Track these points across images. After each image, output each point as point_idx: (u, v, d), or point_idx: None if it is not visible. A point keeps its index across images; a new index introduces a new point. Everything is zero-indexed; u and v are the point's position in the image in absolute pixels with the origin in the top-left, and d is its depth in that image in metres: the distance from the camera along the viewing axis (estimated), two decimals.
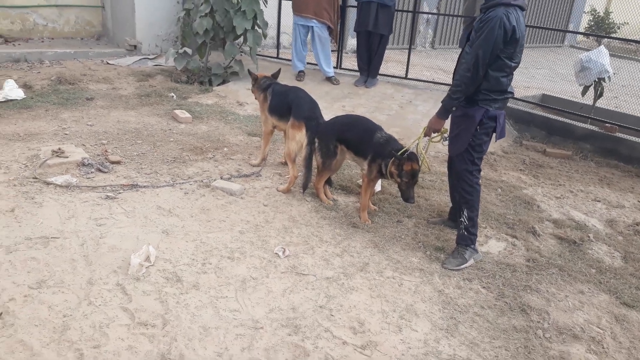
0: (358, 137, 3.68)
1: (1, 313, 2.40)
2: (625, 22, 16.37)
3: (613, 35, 15.52)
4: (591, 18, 16.33)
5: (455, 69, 3.38)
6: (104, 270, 2.81)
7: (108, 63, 7.66)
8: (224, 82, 7.11)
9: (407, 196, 3.47)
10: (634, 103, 8.02)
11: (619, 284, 3.28)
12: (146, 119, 5.44)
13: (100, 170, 4.01)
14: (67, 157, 4.05)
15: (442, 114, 3.29)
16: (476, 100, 3.16)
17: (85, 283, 2.68)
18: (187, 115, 5.53)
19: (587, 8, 15.58)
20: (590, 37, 16.22)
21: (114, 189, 3.76)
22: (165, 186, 3.91)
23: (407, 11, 9.10)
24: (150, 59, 7.99)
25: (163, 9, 8.26)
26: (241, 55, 7.20)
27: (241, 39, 7.05)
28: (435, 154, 5.19)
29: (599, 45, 14.65)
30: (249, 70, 4.67)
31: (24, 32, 8.88)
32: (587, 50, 13.78)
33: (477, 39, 3.04)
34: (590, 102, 6.35)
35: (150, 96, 6.24)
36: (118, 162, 4.21)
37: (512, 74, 3.17)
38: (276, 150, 4.87)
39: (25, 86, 5.99)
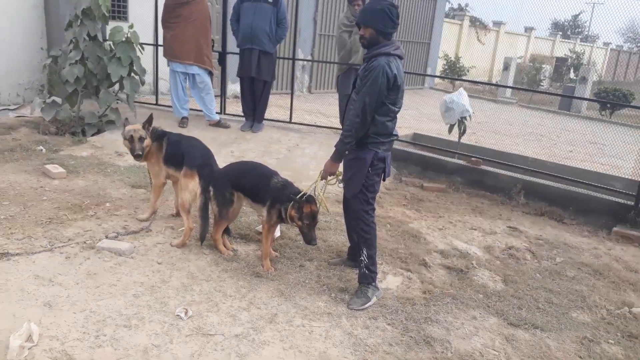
0: (254, 183, 3.67)
1: None
2: (472, 66, 18.67)
3: (464, 77, 17.55)
4: (445, 62, 18.34)
5: (344, 115, 3.55)
6: None
7: None
8: (98, 131, 6.68)
9: (309, 238, 3.51)
10: (490, 138, 9.08)
11: (504, 305, 3.59)
12: (12, 176, 4.88)
13: None
14: None
15: (336, 157, 3.42)
16: (366, 143, 3.33)
17: None
18: (61, 170, 5.08)
19: (440, 53, 17.46)
20: (445, 80, 18.15)
21: None
22: (43, 252, 3.51)
23: (287, 58, 9.43)
24: (12, 109, 7.27)
25: (24, 56, 7.63)
26: (117, 103, 6.85)
27: (116, 86, 6.73)
28: (326, 195, 5.33)
29: (453, 86, 16.48)
30: (126, 119, 4.29)
31: None
32: (445, 91, 15.40)
33: (363, 87, 3.24)
34: (456, 139, 7.03)
35: (15, 151, 5.64)
36: None
37: (396, 118, 3.42)
38: (165, 201, 4.65)
39: None
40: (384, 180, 3.55)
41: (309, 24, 11.67)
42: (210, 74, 7.11)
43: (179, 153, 3.95)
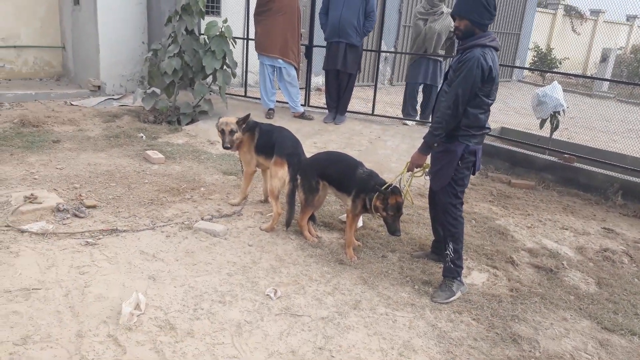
0: (340, 173, 3.75)
1: None
2: (566, 58, 17.56)
3: (555, 70, 16.56)
4: (535, 54, 17.41)
5: (434, 107, 3.52)
6: (93, 321, 2.70)
7: (72, 104, 7.51)
8: (192, 121, 7.09)
9: (393, 229, 3.54)
10: (583, 134, 8.55)
11: (597, 309, 3.42)
12: (117, 160, 5.34)
13: (76, 216, 3.88)
14: (40, 203, 3.91)
15: (424, 149, 3.41)
16: (456, 136, 3.30)
17: (74, 336, 2.56)
18: (160, 155, 5.47)
19: (531, 45, 16.60)
20: (535, 72, 17.24)
21: (93, 234, 3.65)
22: (146, 230, 3.82)
23: (372, 50, 9.45)
24: (116, 99, 7.90)
25: (128, 49, 8.23)
26: (210, 94, 7.22)
27: (210, 79, 7.10)
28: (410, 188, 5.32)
29: (543, 79, 15.60)
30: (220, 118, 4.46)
31: None
32: (534, 84, 14.63)
33: (456, 78, 3.20)
34: (546, 134, 6.70)
35: (119, 137, 6.14)
36: (94, 207, 4.09)
37: (489, 111, 3.34)
38: (254, 188, 4.86)
39: None
40: (473, 174, 3.49)
41: (394, 15, 11.57)
42: (296, 67, 7.29)
43: (270, 142, 4.12)
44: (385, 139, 6.77)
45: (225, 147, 4.20)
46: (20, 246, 3.37)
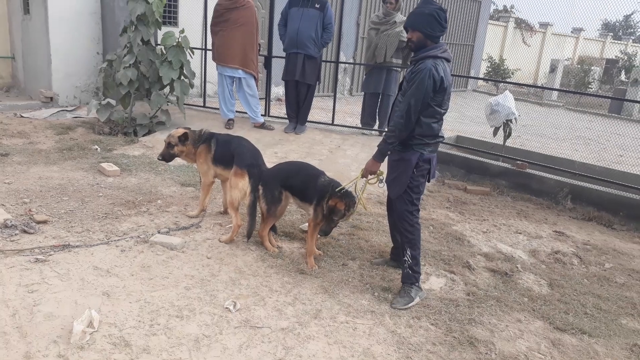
0: (303, 183, 3.76)
1: None
2: (517, 69, 18.26)
3: (508, 80, 17.17)
4: (489, 64, 18.02)
5: (389, 116, 3.59)
6: (42, 341, 2.59)
7: (22, 116, 7.25)
8: (149, 132, 6.96)
9: (323, 229, 3.61)
10: (535, 141, 8.88)
11: (550, 309, 3.54)
12: (70, 173, 5.17)
13: (25, 232, 3.73)
14: None
15: (378, 157, 3.47)
16: (411, 144, 3.37)
17: (21, 358, 2.45)
18: (115, 168, 5.33)
19: (485, 56, 17.17)
20: (489, 82, 17.83)
21: (43, 250, 3.51)
22: (100, 244, 3.71)
23: (331, 61, 9.54)
24: (69, 110, 7.67)
25: (81, 60, 8.03)
26: (167, 105, 7.12)
27: (167, 89, 7.00)
28: (368, 196, 5.38)
29: (497, 89, 16.14)
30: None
31: None
32: (488, 93, 15.10)
33: (409, 89, 3.28)
34: (500, 142, 6.93)
35: (73, 150, 5.96)
36: (45, 222, 3.95)
37: (442, 120, 3.43)
38: (213, 200, 4.80)
39: None
40: (428, 181, 3.57)
41: (352, 27, 11.74)
42: (255, 78, 7.29)
43: (228, 153, 4.10)
44: (344, 148, 6.84)
45: (158, 158, 4.42)
46: None
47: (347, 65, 11.83)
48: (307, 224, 3.98)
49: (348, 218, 3.80)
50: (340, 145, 6.95)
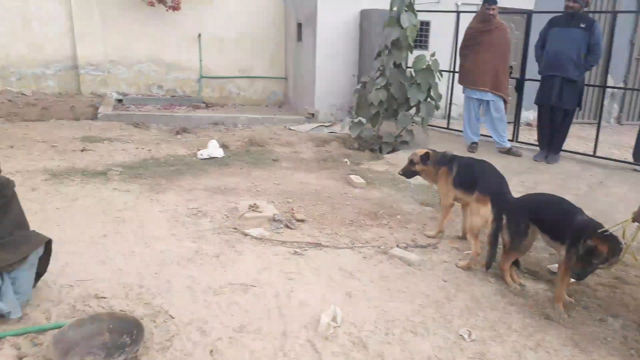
0: (556, 218, 3.43)
1: (212, 350, 2.63)
2: None
3: None
4: None
5: None
6: (296, 324, 2.95)
7: (290, 129, 8.42)
8: (393, 150, 7.32)
9: (577, 271, 3.15)
10: None
11: None
12: (325, 181, 5.79)
13: (288, 227, 4.32)
14: (260, 212, 4.45)
15: None
16: None
17: (279, 334, 2.84)
18: (362, 180, 5.76)
19: None
20: None
21: (300, 245, 4.01)
22: (345, 248, 4.05)
23: (595, 85, 8.56)
24: (326, 126, 8.60)
25: (339, 82, 8.92)
26: (412, 125, 7.38)
27: (413, 110, 7.26)
28: (639, 245, 4.62)
29: None
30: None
31: (220, 99, 10.26)
32: None
33: None
34: None
35: (327, 161, 6.66)
36: (302, 221, 4.50)
37: None
38: (451, 222, 4.77)
39: (224, 146, 6.83)
40: None
41: (624, 46, 10.31)
42: (505, 101, 7.01)
43: (470, 177, 4.02)
44: (609, 185, 6.01)
45: (399, 173, 4.60)
46: (243, 247, 3.89)
47: (615, 89, 10.42)
48: (556, 265, 3.62)
49: (610, 266, 3.29)
50: (603, 181, 6.14)
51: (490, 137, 7.21)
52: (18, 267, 2.77)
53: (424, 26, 8.98)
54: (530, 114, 9.68)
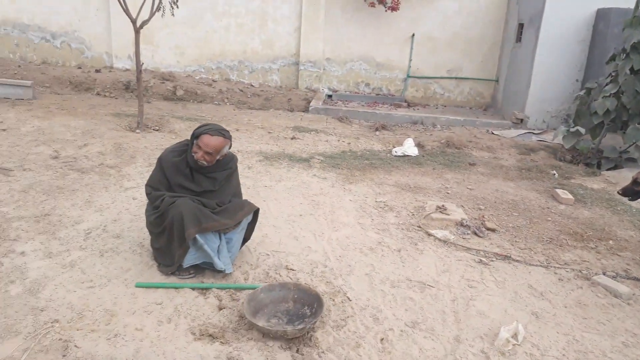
0: None
1: (382, 339, 2.68)
2: None
3: None
4: None
5: None
6: (471, 332, 2.81)
7: (492, 133, 8.00)
8: (615, 167, 6.39)
9: None
10: None
11: None
12: (524, 192, 5.35)
13: (475, 234, 4.12)
14: (448, 215, 4.34)
15: None
16: None
17: (452, 338, 2.74)
18: (569, 196, 5.16)
19: None
20: None
21: (487, 255, 3.79)
22: (539, 266, 3.69)
23: None
24: (535, 134, 7.93)
25: (558, 86, 8.12)
26: None
27: None
28: None
29: None
30: None
31: (423, 99, 10.25)
32: None
33: None
34: None
35: (531, 170, 6.14)
36: (493, 230, 4.24)
37: None
38: None
39: (419, 145, 6.82)
40: None
41: None
42: None
43: None
44: None
45: (618, 192, 3.99)
46: (425, 246, 3.85)
47: None
48: None
49: None
50: None
51: None
52: (233, 230, 3.21)
53: None
54: None
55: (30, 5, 9.83)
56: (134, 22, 6.13)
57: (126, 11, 6.06)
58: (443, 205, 4.50)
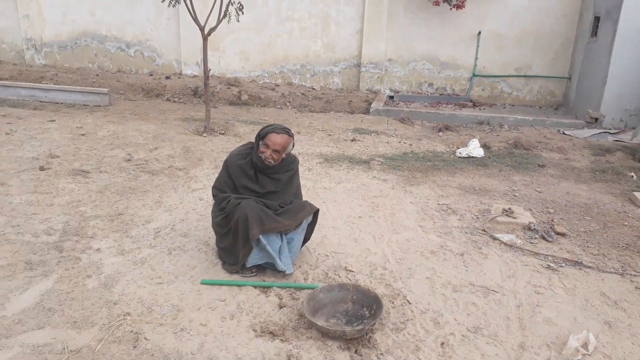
0: None
1: (443, 343, 2.63)
2: None
3: None
4: None
5: None
6: (537, 340, 2.70)
7: (564, 133, 7.62)
8: None
9: None
10: None
11: None
12: (598, 195, 5.06)
13: (544, 238, 3.95)
14: (514, 218, 4.18)
15: None
16: None
17: (516, 345, 2.64)
18: None
19: None
20: None
21: (555, 260, 3.62)
22: (613, 273, 3.48)
23: None
24: (612, 133, 7.47)
25: (638, 83, 7.59)
26: None
27: None
28: None
29: None
30: None
31: (490, 99, 9.93)
32: None
33: None
34: None
35: (606, 172, 5.79)
36: (563, 235, 4.04)
37: None
38: None
39: (485, 146, 6.61)
40: None
41: None
42: None
43: None
44: None
45: None
46: (489, 250, 3.73)
47: None
48: None
49: None
50: None
51: None
52: (294, 231, 3.27)
53: None
54: None
55: (108, 17, 10.49)
56: (202, 29, 6.39)
57: (195, 19, 6.33)
58: (509, 208, 4.34)
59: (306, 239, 3.47)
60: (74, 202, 4.23)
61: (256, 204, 3.13)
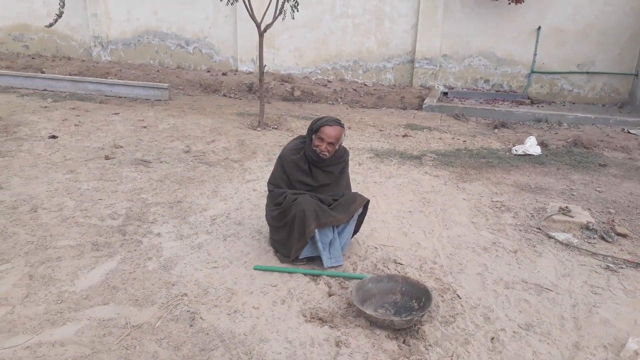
0: None
1: (493, 338, 2.61)
2: None
3: None
4: None
5: None
6: (592, 340, 2.62)
7: (629, 132, 7.27)
8: None
9: None
10: None
11: None
12: None
13: (603, 239, 3.80)
14: (572, 217, 4.04)
15: None
16: None
17: (571, 345, 2.58)
18: None
19: None
20: None
21: (615, 261, 3.48)
22: None
23: None
24: None
25: None
26: None
27: None
28: None
29: None
30: None
31: (548, 96, 9.59)
32: None
33: None
34: None
35: None
36: (624, 236, 3.87)
37: None
38: None
39: (542, 144, 6.40)
40: None
41: None
42: None
43: None
44: None
45: None
46: (544, 248, 3.63)
47: None
48: None
49: None
50: None
51: None
52: (345, 223, 3.32)
53: None
54: None
55: (169, 15, 10.91)
56: (258, 26, 6.54)
57: (252, 16, 6.49)
58: (567, 207, 4.20)
59: (356, 230, 3.51)
60: (136, 189, 4.46)
61: (312, 200, 3.20)
